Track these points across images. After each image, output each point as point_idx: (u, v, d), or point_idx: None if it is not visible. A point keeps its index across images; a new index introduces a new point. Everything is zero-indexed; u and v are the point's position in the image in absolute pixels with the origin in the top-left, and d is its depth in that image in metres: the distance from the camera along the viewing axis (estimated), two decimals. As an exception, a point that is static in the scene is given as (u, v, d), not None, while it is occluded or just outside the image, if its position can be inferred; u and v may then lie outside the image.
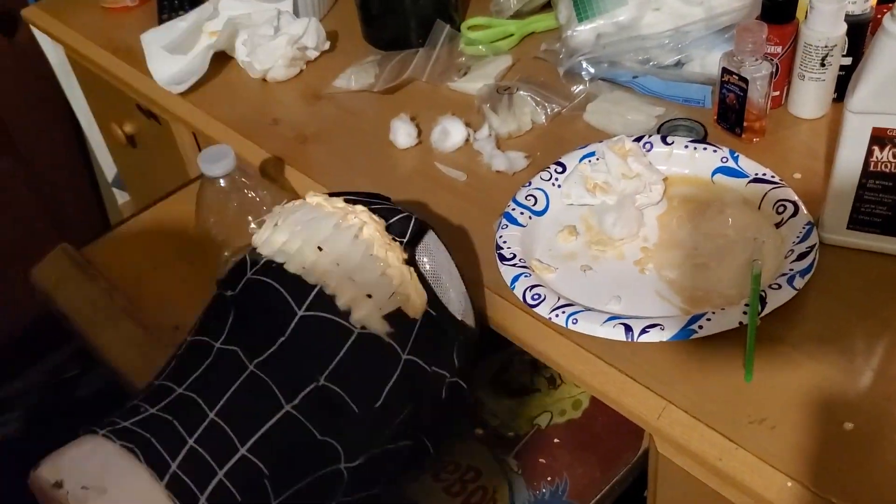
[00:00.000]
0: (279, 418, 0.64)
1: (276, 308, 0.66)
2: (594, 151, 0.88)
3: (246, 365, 0.65)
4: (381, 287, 0.66)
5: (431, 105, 1.03)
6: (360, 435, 0.67)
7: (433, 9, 1.11)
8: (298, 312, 0.65)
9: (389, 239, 0.68)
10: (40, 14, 1.38)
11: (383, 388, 0.66)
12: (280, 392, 0.64)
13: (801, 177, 0.84)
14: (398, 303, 0.67)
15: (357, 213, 0.69)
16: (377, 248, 0.67)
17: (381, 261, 0.67)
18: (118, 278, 1.00)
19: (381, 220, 0.69)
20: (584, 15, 0.98)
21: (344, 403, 0.65)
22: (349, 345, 0.65)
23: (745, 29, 0.84)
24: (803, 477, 0.61)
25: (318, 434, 0.65)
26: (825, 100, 0.90)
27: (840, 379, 0.67)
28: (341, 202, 0.70)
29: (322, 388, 0.65)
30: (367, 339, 0.66)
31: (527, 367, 0.90)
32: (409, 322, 0.67)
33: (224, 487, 0.62)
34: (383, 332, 0.66)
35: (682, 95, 0.96)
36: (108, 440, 0.63)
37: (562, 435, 0.83)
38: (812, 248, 0.74)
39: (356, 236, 0.67)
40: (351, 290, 0.65)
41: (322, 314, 0.65)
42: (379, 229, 0.68)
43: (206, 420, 0.63)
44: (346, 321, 0.65)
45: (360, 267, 0.66)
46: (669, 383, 0.69)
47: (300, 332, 0.65)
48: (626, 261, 0.80)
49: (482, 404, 0.87)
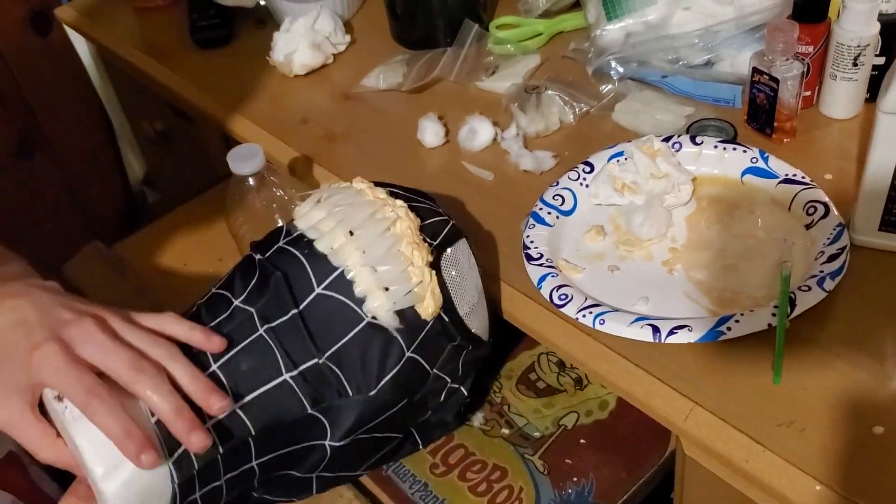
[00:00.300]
0: (276, 384, 0.67)
1: (297, 281, 0.68)
2: (622, 151, 0.87)
3: (257, 327, 0.67)
4: (399, 283, 0.67)
5: (459, 104, 1.03)
6: (350, 417, 0.68)
7: (461, 8, 1.11)
8: (316, 290, 0.68)
9: (420, 238, 0.69)
10: (73, 14, 1.40)
11: (381, 379, 0.68)
12: (282, 360, 0.67)
13: (832, 178, 0.83)
14: (413, 301, 0.68)
15: (395, 207, 0.70)
16: (405, 244, 0.68)
17: (406, 258, 0.68)
18: (148, 276, 1.02)
19: (416, 219, 0.70)
20: (614, 14, 0.98)
21: (340, 385, 0.67)
22: (357, 331, 0.67)
23: (776, 28, 0.83)
24: (832, 481, 0.61)
25: (309, 407, 0.67)
26: (857, 100, 0.89)
27: (870, 382, 0.66)
28: (383, 193, 0.71)
29: (321, 366, 0.67)
30: (374, 329, 0.68)
31: (553, 368, 0.90)
32: (420, 322, 0.69)
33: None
34: (392, 327, 0.68)
35: (711, 95, 0.95)
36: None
37: (588, 435, 0.83)
38: (843, 250, 0.73)
39: (388, 228, 0.68)
40: (370, 280, 0.67)
41: (338, 296, 0.67)
42: (412, 227, 0.69)
43: (207, 371, 0.66)
44: (359, 308, 0.67)
45: (384, 259, 0.67)
46: (697, 385, 0.68)
47: (313, 309, 0.67)
48: (654, 261, 0.80)
49: (508, 404, 0.87)
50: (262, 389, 0.66)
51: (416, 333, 0.69)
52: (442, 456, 0.83)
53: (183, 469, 0.64)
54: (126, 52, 1.28)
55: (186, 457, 0.64)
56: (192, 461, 0.64)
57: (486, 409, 0.87)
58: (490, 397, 0.88)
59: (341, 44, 1.16)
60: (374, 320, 0.67)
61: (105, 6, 1.39)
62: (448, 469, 0.82)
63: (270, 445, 0.68)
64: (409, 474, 0.82)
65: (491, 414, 0.86)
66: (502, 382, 0.89)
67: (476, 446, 0.84)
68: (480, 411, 0.87)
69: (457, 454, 0.83)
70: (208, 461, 0.65)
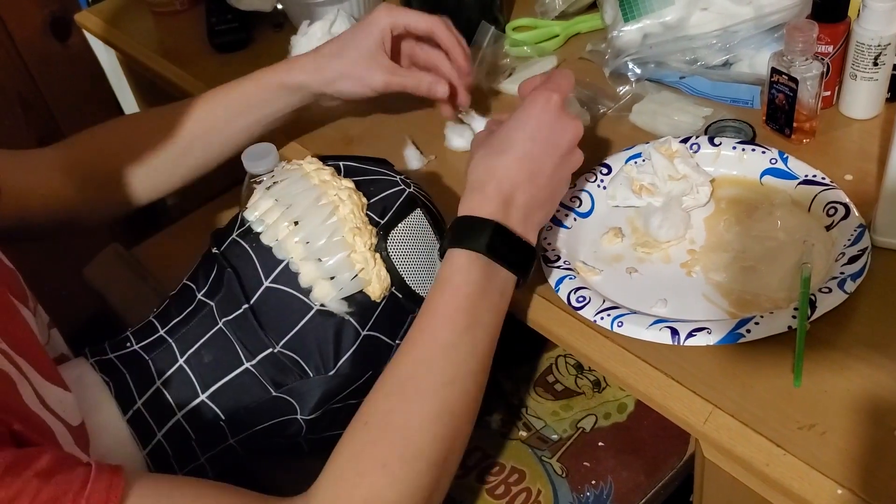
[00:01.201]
0: (238, 373, 0.71)
1: (247, 275, 0.71)
2: (640, 153, 0.87)
3: (217, 321, 0.71)
4: (343, 271, 0.70)
5: (477, 107, 1.03)
6: (315, 395, 0.72)
7: (478, 10, 1.11)
8: (265, 283, 0.71)
9: (364, 221, 0.71)
10: (93, 18, 1.40)
11: (339, 358, 0.71)
12: (241, 351, 0.71)
13: (852, 178, 0.83)
14: (359, 286, 0.71)
15: (339, 189, 0.72)
16: (347, 230, 0.70)
17: (348, 244, 0.70)
18: (167, 278, 1.02)
19: (362, 198, 0.72)
20: (631, 15, 0.98)
21: (299, 368, 0.71)
22: (307, 319, 0.70)
23: (795, 28, 0.83)
24: (853, 484, 0.60)
25: (273, 391, 0.71)
26: (878, 100, 0.89)
27: (891, 384, 0.66)
28: (328, 174, 0.73)
29: (277, 355, 0.70)
30: (324, 315, 0.70)
31: (571, 370, 0.89)
32: (371, 303, 0.71)
33: (181, 426, 0.70)
34: (342, 312, 0.70)
35: (730, 96, 0.95)
36: (93, 370, 0.71)
37: (606, 438, 0.83)
38: (864, 252, 0.72)
39: (331, 214, 0.70)
40: (314, 271, 0.70)
41: (285, 288, 0.70)
42: (356, 209, 0.71)
43: (175, 365, 0.71)
44: (306, 297, 0.70)
45: (326, 250, 0.70)
46: (716, 388, 0.68)
47: (264, 302, 0.71)
48: (673, 263, 0.79)
49: (526, 406, 0.87)
50: (225, 379, 0.70)
51: (368, 313, 0.71)
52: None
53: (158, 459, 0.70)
54: (144, 57, 1.29)
55: (160, 447, 0.70)
56: (166, 450, 0.70)
57: (504, 411, 0.87)
58: (508, 400, 0.88)
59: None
60: (322, 307, 0.70)
61: (124, 11, 1.40)
62: (466, 472, 0.82)
63: (243, 426, 0.72)
64: (426, 477, 0.82)
65: (509, 416, 0.86)
66: (520, 385, 0.89)
67: (494, 449, 0.84)
68: (498, 413, 0.86)
69: (474, 456, 0.83)
70: (181, 447, 0.71)
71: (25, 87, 1.55)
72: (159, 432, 0.70)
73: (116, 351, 0.73)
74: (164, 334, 0.73)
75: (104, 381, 0.71)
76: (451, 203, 0.90)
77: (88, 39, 1.59)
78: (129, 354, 0.72)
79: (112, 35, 1.36)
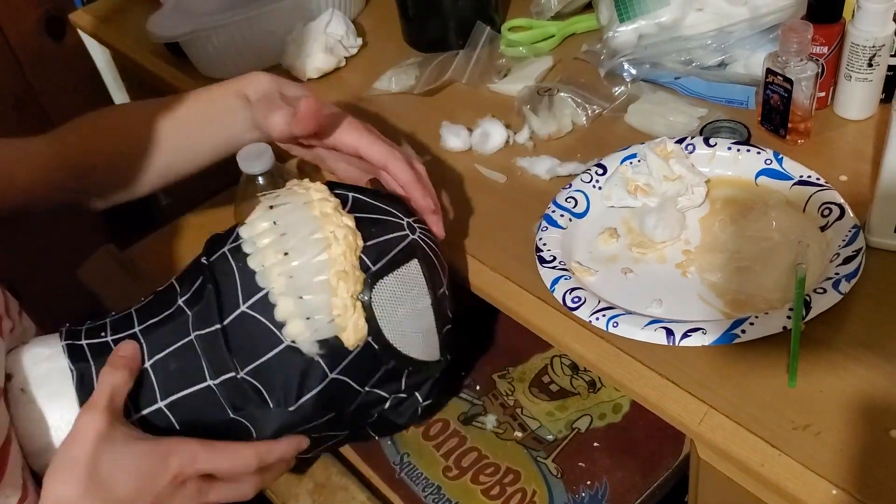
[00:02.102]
0: (200, 388, 0.69)
1: (227, 294, 0.70)
2: (636, 153, 0.87)
3: (189, 332, 0.70)
4: (321, 313, 0.68)
5: (471, 107, 1.03)
6: (272, 425, 0.70)
7: (473, 10, 1.11)
8: (241, 307, 0.69)
9: (352, 265, 0.68)
10: (87, 18, 1.40)
11: (301, 396, 0.69)
12: (206, 368, 0.69)
13: (847, 179, 0.83)
14: (335, 331, 0.68)
15: (337, 227, 0.69)
16: (333, 273, 0.67)
17: (331, 288, 0.67)
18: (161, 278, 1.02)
19: (358, 241, 0.69)
20: (626, 15, 0.98)
21: (260, 397, 0.69)
22: (276, 352, 0.68)
23: (790, 29, 0.83)
24: (848, 484, 0.60)
25: (230, 412, 0.70)
26: (872, 101, 0.89)
27: (886, 385, 0.66)
28: (331, 208, 0.70)
29: (239, 380, 0.69)
30: (294, 352, 0.68)
31: (567, 371, 0.89)
32: (343, 350, 0.69)
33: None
34: (312, 353, 0.68)
35: (725, 96, 0.95)
36: (62, 355, 0.69)
37: (601, 439, 0.83)
38: (858, 252, 0.73)
39: (321, 251, 0.68)
40: (290, 307, 0.68)
41: (260, 317, 0.68)
42: (347, 252, 0.68)
43: (141, 368, 0.69)
44: (279, 331, 0.68)
45: (308, 288, 0.68)
46: (711, 388, 0.68)
47: (236, 326, 0.69)
48: (668, 264, 0.79)
49: (521, 407, 0.87)
50: (186, 391, 0.69)
51: (339, 359, 0.69)
52: (455, 459, 0.83)
53: None
54: (140, 56, 1.28)
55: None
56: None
57: (500, 411, 0.87)
58: (503, 400, 0.88)
59: (353, 47, 1.16)
60: (293, 344, 0.68)
61: (119, 10, 1.40)
62: (461, 472, 0.82)
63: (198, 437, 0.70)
64: (421, 477, 0.82)
65: (504, 417, 0.86)
66: (515, 385, 0.89)
67: (489, 449, 0.84)
68: (493, 414, 0.86)
69: (470, 457, 0.83)
70: None
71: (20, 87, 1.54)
72: None
73: (91, 338, 0.71)
74: (139, 332, 0.71)
75: (70, 369, 0.69)
76: (448, 203, 0.91)
77: (83, 39, 1.59)
78: (100, 345, 0.70)
79: (106, 34, 1.36)
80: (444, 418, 0.87)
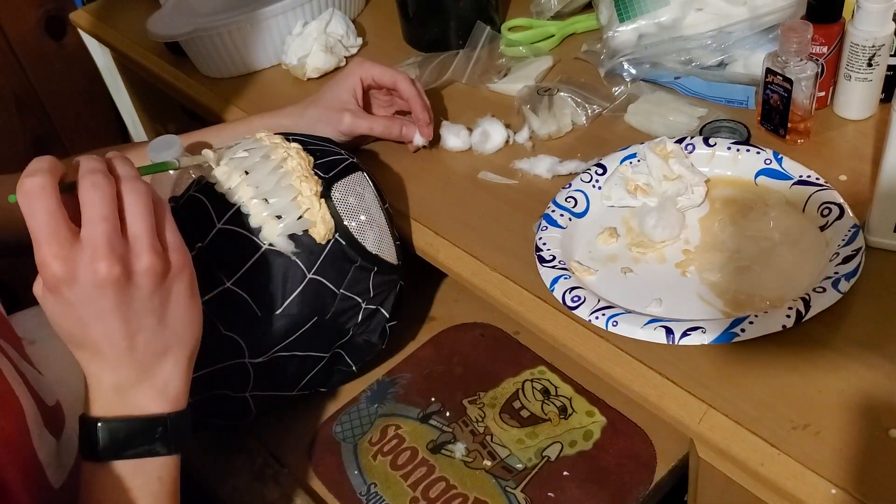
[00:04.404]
0: None
1: (202, 219, 0.76)
2: (635, 153, 0.87)
3: None
4: (290, 211, 0.75)
5: (471, 107, 1.03)
6: (263, 336, 0.77)
7: (473, 10, 1.11)
8: (217, 225, 0.76)
9: (310, 172, 0.77)
10: (88, 17, 1.40)
11: (286, 299, 0.77)
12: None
13: (846, 179, 0.83)
14: (305, 226, 0.76)
15: (287, 149, 0.78)
16: (294, 178, 0.76)
17: (295, 189, 0.76)
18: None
19: (309, 157, 0.78)
20: (626, 15, 0.98)
21: (248, 306, 0.76)
22: (257, 257, 0.75)
23: (789, 29, 0.83)
24: (848, 484, 0.60)
25: (222, 329, 0.76)
26: (872, 100, 0.89)
27: (886, 384, 0.66)
28: (279, 138, 0.80)
29: (228, 290, 0.75)
30: (273, 255, 0.76)
31: (538, 395, 0.88)
32: (317, 246, 0.77)
33: None
34: (288, 251, 0.76)
35: (724, 96, 0.95)
36: None
37: (571, 467, 0.81)
38: (858, 252, 0.73)
39: (279, 166, 0.76)
40: (262, 211, 0.75)
41: (236, 228, 0.76)
42: (302, 163, 0.77)
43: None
44: (256, 237, 0.76)
45: (274, 192, 0.75)
46: (711, 387, 0.68)
47: (216, 242, 0.76)
48: (668, 263, 0.80)
49: (491, 434, 0.85)
50: None
51: (314, 256, 0.77)
52: (423, 489, 0.81)
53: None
54: (139, 55, 1.29)
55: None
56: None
57: (469, 438, 0.85)
58: (473, 427, 0.86)
59: (353, 46, 1.17)
60: (271, 247, 0.75)
61: (119, 10, 1.40)
62: (429, 503, 0.80)
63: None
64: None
65: (473, 444, 0.84)
66: (486, 411, 0.87)
67: (457, 479, 0.82)
68: (462, 441, 0.85)
69: (438, 487, 0.81)
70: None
71: (20, 87, 1.54)
72: None
73: None
74: None
75: None
76: (448, 203, 0.91)
77: (83, 38, 1.59)
78: None
79: (106, 33, 1.36)
80: (413, 446, 0.85)
